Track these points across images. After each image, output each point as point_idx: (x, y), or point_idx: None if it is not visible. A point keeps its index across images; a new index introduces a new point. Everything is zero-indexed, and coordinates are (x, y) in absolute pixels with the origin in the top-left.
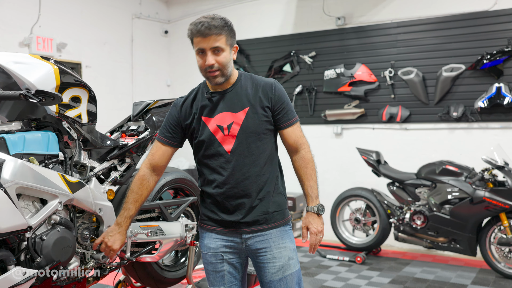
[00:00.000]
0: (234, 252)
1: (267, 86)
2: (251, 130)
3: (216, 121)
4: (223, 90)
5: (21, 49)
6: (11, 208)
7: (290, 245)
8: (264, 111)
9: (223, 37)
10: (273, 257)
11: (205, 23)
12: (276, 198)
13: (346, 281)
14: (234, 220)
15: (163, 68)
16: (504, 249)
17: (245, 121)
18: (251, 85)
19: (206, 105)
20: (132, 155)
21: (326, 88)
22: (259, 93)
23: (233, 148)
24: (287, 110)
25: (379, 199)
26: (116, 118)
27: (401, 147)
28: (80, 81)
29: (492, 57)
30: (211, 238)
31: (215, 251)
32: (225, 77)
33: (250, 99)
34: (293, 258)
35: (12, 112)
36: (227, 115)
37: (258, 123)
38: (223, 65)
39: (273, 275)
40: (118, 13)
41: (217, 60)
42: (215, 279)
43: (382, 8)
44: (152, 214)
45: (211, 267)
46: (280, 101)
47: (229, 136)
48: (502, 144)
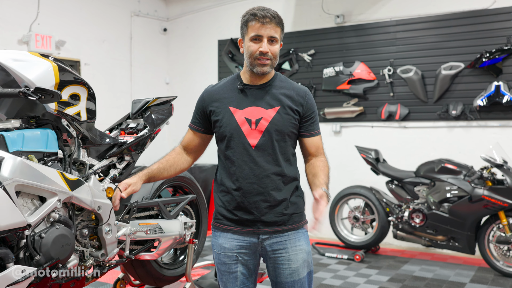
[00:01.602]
0: (250, 253)
1: (301, 92)
2: (278, 129)
3: (245, 114)
4: (258, 85)
5: (20, 46)
6: (10, 206)
7: (306, 248)
8: (294, 114)
9: (280, 30)
10: (289, 259)
11: (267, 12)
12: (295, 200)
13: (344, 279)
14: (252, 218)
15: (161, 66)
16: (503, 247)
17: (274, 119)
18: (286, 86)
19: (236, 96)
20: (131, 153)
21: (325, 86)
22: (293, 97)
23: (258, 143)
24: (315, 120)
25: (378, 197)
26: (115, 116)
27: (400, 145)
28: (79, 78)
29: (491, 55)
30: (226, 238)
31: (230, 251)
32: (272, 68)
33: (283, 99)
34: (308, 260)
35: (11, 110)
36: (257, 109)
37: (286, 124)
38: (275, 55)
39: (287, 277)
40: (117, 11)
41: (271, 49)
42: (228, 280)
43: (381, 6)
44: (151, 212)
45: (225, 267)
46: (311, 109)
47: (256, 130)
48: (501, 142)
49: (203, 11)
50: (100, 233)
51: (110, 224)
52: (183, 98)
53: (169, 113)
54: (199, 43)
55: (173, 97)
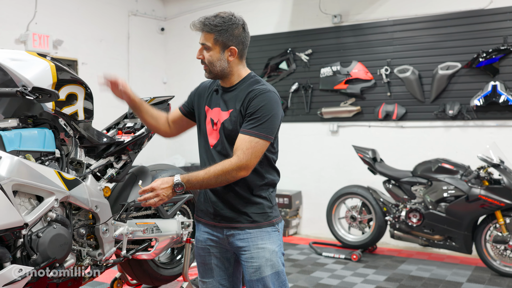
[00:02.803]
0: (219, 247)
1: (251, 92)
2: (227, 132)
3: (211, 114)
4: (227, 87)
5: (17, 46)
6: (7, 205)
7: (270, 247)
8: (241, 116)
9: (211, 36)
10: (251, 257)
11: (201, 19)
12: (255, 199)
13: (342, 278)
14: (213, 212)
15: (159, 65)
16: (500, 247)
17: (225, 121)
18: (245, 89)
19: (213, 96)
20: (128, 152)
21: (322, 86)
22: (242, 98)
23: (216, 143)
24: (255, 119)
25: (375, 197)
26: (112, 115)
27: (397, 145)
28: (76, 78)
29: (488, 55)
30: (200, 231)
31: (203, 244)
32: (213, 74)
33: (236, 102)
34: (271, 260)
35: (8, 109)
36: (218, 111)
37: (235, 126)
38: (210, 62)
39: (251, 275)
40: (114, 10)
41: (204, 56)
42: (204, 271)
43: (378, 6)
44: (148, 212)
45: (200, 259)
46: (251, 108)
47: (215, 131)
48: (497, 142)
49: (200, 10)
50: (97, 232)
51: (107, 224)
52: (180, 97)
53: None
54: (197, 42)
55: (171, 97)
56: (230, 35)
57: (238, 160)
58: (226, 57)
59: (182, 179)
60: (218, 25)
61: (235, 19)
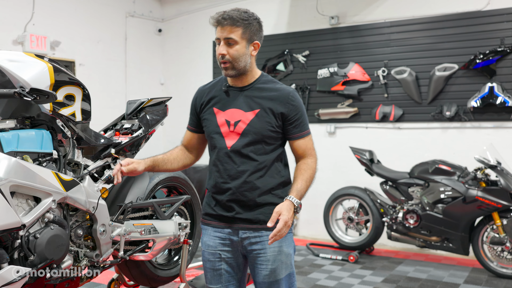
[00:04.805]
0: (232, 251)
1: (284, 94)
2: (256, 132)
3: (226, 116)
4: (240, 87)
5: (14, 47)
6: (4, 206)
7: (286, 250)
8: (275, 117)
9: (239, 30)
10: (266, 260)
11: (225, 13)
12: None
13: (339, 280)
14: (228, 215)
15: (156, 66)
16: (497, 248)
17: (252, 121)
18: (270, 88)
19: (221, 97)
20: (126, 153)
21: (320, 87)
22: (275, 99)
23: (235, 145)
24: (301, 121)
25: (372, 198)
26: (110, 117)
27: (394, 146)
28: (74, 79)
29: (485, 56)
30: (210, 236)
31: (213, 249)
32: (236, 71)
33: (263, 102)
34: (286, 263)
35: (6, 110)
36: (237, 111)
37: (264, 127)
38: (234, 58)
39: (265, 277)
40: (112, 11)
41: (228, 51)
42: (213, 277)
43: (375, 8)
44: (146, 213)
45: (209, 264)
46: (294, 111)
47: (233, 132)
48: (494, 143)
49: (198, 12)
50: (95, 233)
51: (104, 225)
52: (178, 98)
53: (163, 114)
54: (194, 43)
55: (168, 98)
56: (255, 29)
57: (316, 159)
58: (250, 52)
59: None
60: (245, 18)
61: (255, 14)
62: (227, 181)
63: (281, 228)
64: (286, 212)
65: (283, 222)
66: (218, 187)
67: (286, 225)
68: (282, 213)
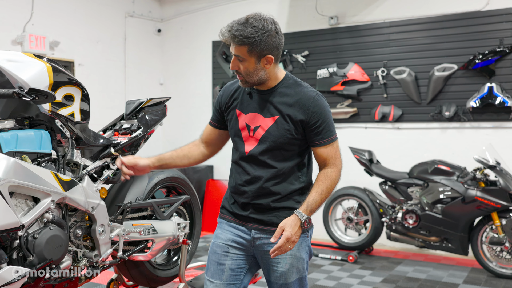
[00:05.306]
0: (242, 249)
1: (305, 99)
2: (274, 139)
3: (247, 119)
4: (262, 90)
5: (13, 47)
6: (3, 206)
7: (298, 254)
8: (294, 124)
9: (245, 48)
10: (277, 262)
11: (232, 29)
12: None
13: (338, 280)
14: (243, 214)
15: (156, 66)
16: (496, 248)
17: (270, 128)
18: (291, 93)
19: (245, 99)
20: (125, 154)
21: (319, 87)
22: (295, 106)
23: (252, 151)
24: (323, 128)
25: (371, 198)
26: (109, 117)
27: (393, 146)
28: (73, 79)
29: (484, 57)
30: (224, 229)
31: (222, 241)
32: (250, 84)
33: (283, 108)
34: (298, 267)
35: (5, 110)
36: (257, 116)
37: (282, 134)
38: (246, 73)
39: (276, 278)
40: (111, 11)
41: (239, 66)
42: (215, 271)
43: (375, 8)
44: (145, 213)
45: (215, 257)
46: (315, 118)
47: (253, 138)
48: (493, 143)
49: (197, 12)
50: (94, 233)
51: (103, 225)
52: (177, 98)
53: (163, 114)
54: (193, 44)
55: (167, 98)
56: (264, 45)
57: (338, 168)
58: (263, 65)
59: (306, 213)
60: (251, 37)
61: (267, 25)
62: (244, 184)
63: (282, 244)
64: (289, 228)
65: (284, 239)
66: (236, 188)
67: (289, 241)
68: (286, 229)
